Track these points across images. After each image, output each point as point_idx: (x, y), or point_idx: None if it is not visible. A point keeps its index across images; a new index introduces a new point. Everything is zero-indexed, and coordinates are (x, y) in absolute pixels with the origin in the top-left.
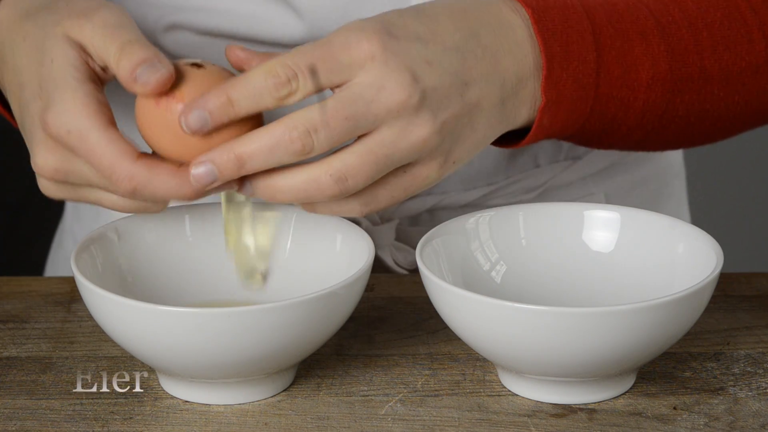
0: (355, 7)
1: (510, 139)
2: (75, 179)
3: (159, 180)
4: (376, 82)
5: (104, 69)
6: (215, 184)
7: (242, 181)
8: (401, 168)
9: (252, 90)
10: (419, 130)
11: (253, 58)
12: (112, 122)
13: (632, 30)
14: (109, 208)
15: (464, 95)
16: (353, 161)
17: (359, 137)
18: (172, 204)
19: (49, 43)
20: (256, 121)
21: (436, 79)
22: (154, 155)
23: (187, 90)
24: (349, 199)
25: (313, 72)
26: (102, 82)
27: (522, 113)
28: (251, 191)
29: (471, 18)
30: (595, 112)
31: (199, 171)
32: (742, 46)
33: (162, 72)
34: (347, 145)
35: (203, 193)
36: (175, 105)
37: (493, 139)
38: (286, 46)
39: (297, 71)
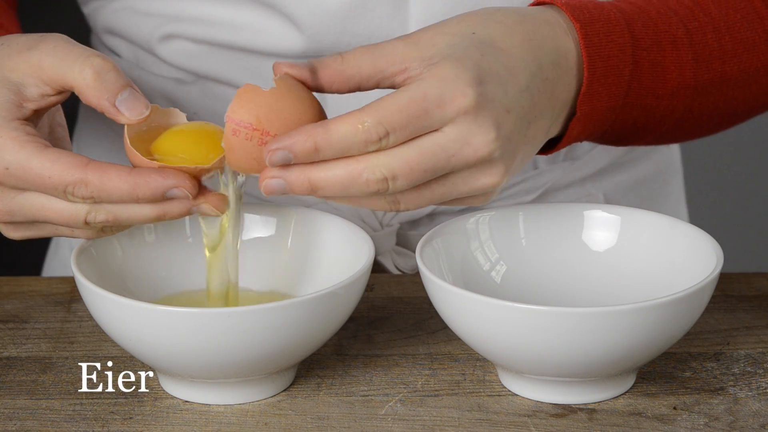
0: (354, 19)
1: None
2: (24, 217)
3: (112, 183)
4: (462, 137)
5: (62, 92)
6: (283, 194)
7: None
8: (452, 181)
9: (341, 144)
10: (488, 179)
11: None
12: (47, 145)
13: (665, 39)
14: (69, 236)
15: (527, 135)
16: (415, 197)
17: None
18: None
19: None
20: (318, 109)
21: (512, 128)
22: (105, 162)
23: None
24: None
25: (405, 129)
26: (37, 116)
27: (558, 124)
28: (289, 190)
29: (536, 48)
30: (618, 119)
31: (271, 183)
32: (760, 46)
33: (143, 104)
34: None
35: (160, 197)
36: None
37: (537, 150)
38: (285, 57)
39: (390, 131)
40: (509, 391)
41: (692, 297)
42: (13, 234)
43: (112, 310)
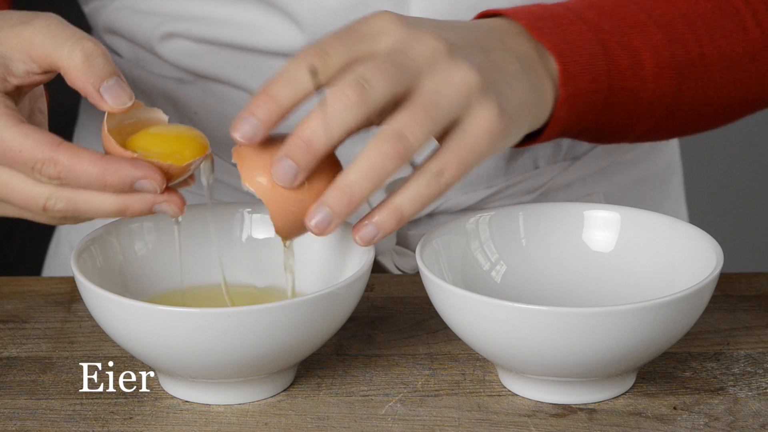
0: (355, 17)
1: (528, 137)
2: None
3: (81, 165)
4: (406, 38)
5: (48, 72)
6: (332, 225)
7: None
8: (458, 126)
9: (286, 77)
10: (459, 72)
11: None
12: (22, 120)
13: (625, 24)
14: (31, 219)
15: (487, 55)
16: (405, 117)
17: (402, 100)
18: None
19: None
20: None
21: (456, 39)
22: (77, 145)
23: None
24: (421, 175)
25: (340, 42)
26: (20, 93)
27: (546, 87)
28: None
29: (477, 24)
30: (608, 103)
31: (317, 218)
32: (738, 34)
33: (127, 94)
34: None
35: (127, 187)
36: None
37: (532, 106)
38: (286, 56)
39: (326, 48)
40: (509, 391)
41: (692, 297)
42: None
43: (112, 310)
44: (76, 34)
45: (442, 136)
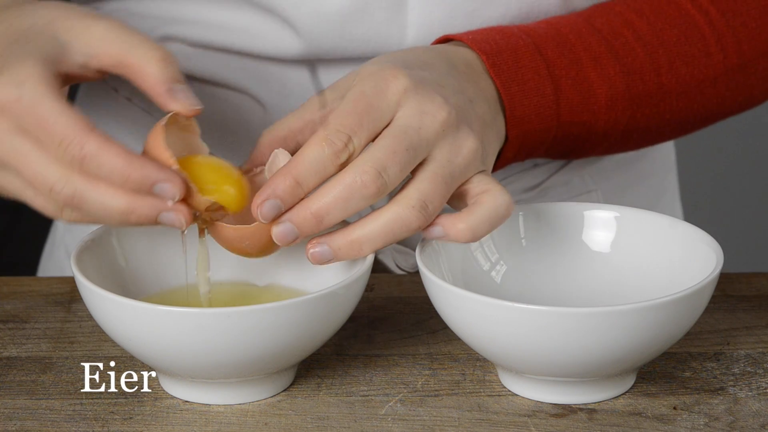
0: (352, 24)
1: None
2: (5, 155)
3: (108, 155)
4: (416, 110)
5: (103, 72)
6: (297, 241)
7: (320, 242)
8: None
9: (315, 165)
10: (467, 142)
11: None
12: (64, 98)
13: (585, 57)
14: (26, 201)
15: (474, 109)
16: (426, 187)
17: (416, 168)
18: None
19: (34, 32)
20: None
21: (455, 98)
22: (109, 136)
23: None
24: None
25: (362, 127)
26: (68, 81)
27: (503, 133)
28: (334, 256)
29: (444, 53)
30: (558, 138)
31: (279, 229)
32: (700, 59)
33: (196, 100)
34: (409, 180)
35: (147, 187)
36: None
37: (497, 148)
38: (283, 61)
39: (350, 133)
40: (509, 391)
41: (692, 297)
42: None
43: (112, 310)
44: (150, 39)
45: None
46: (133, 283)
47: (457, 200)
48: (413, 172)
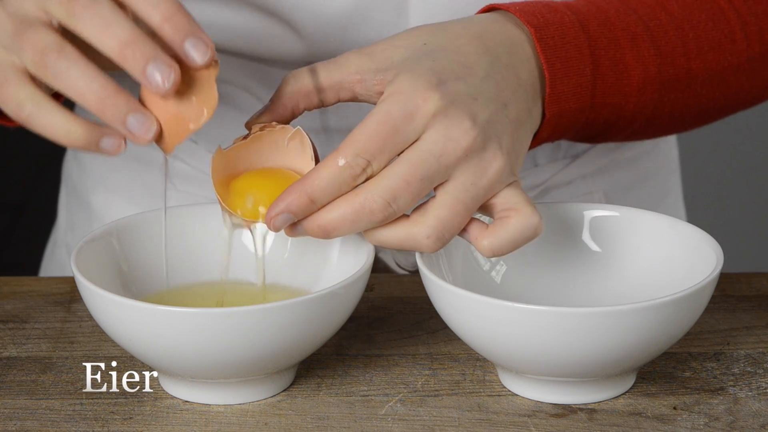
0: (355, 27)
1: None
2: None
3: (98, 19)
4: (441, 137)
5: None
6: (288, 230)
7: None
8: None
9: (331, 186)
10: (494, 163)
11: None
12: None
13: (623, 37)
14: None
15: (508, 116)
16: (447, 215)
17: (438, 187)
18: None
19: None
20: None
21: (486, 112)
22: None
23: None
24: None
25: (383, 153)
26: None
27: (538, 116)
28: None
29: (487, 41)
30: (588, 120)
31: (291, 232)
32: (726, 46)
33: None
34: (431, 198)
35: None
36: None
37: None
38: (285, 63)
39: (370, 159)
40: (509, 391)
41: (692, 297)
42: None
43: (112, 310)
44: None
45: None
46: (133, 283)
47: (483, 211)
48: (436, 189)
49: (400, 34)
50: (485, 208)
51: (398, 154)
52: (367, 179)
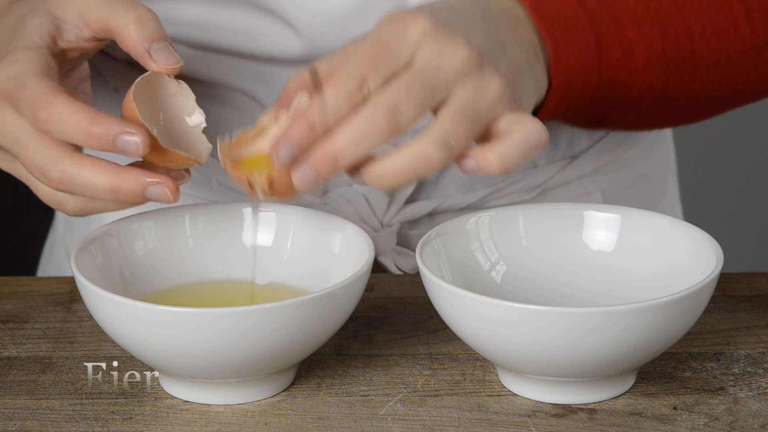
0: (354, 24)
1: None
2: (8, 142)
3: (72, 113)
4: (435, 52)
5: (98, 38)
6: (317, 184)
7: (352, 172)
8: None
9: (331, 107)
10: (492, 82)
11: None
12: (52, 76)
13: (624, 16)
14: (34, 189)
15: (506, 53)
16: (449, 124)
17: (439, 108)
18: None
19: (31, 14)
20: None
21: (481, 40)
22: (77, 99)
23: None
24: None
25: (377, 70)
26: (68, 58)
27: (543, 75)
28: (361, 181)
29: (485, 7)
30: (595, 97)
31: (298, 173)
32: (729, 32)
33: (176, 59)
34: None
35: (110, 141)
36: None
37: (535, 97)
38: (284, 62)
39: (364, 76)
40: (509, 391)
41: (692, 297)
42: (1, 162)
43: (112, 310)
44: (132, 0)
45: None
46: (133, 283)
47: (486, 138)
48: (436, 113)
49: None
50: (489, 135)
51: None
52: (363, 100)
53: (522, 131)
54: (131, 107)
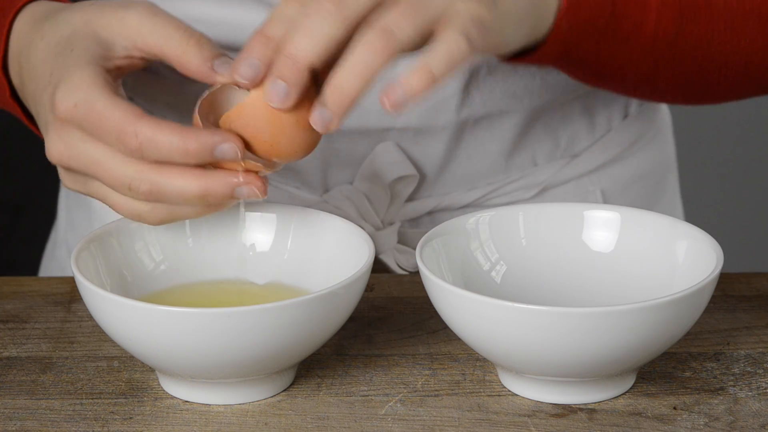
0: None
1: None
2: (80, 166)
3: (162, 135)
4: None
5: (148, 59)
6: (291, 96)
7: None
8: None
9: (278, 17)
10: None
11: None
12: (117, 93)
13: None
14: (112, 206)
15: None
16: (392, 14)
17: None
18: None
19: (75, 37)
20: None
21: None
22: (160, 118)
23: None
24: (446, 39)
25: None
26: (121, 73)
27: (551, 3)
28: (335, 105)
29: None
30: (609, 28)
31: (272, 91)
32: None
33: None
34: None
35: (208, 153)
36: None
37: (528, 17)
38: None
39: None
40: (509, 391)
41: (692, 297)
42: (70, 183)
43: (112, 310)
44: (180, 24)
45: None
46: (133, 283)
47: None
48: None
49: None
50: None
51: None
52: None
53: (445, 41)
54: (197, 124)
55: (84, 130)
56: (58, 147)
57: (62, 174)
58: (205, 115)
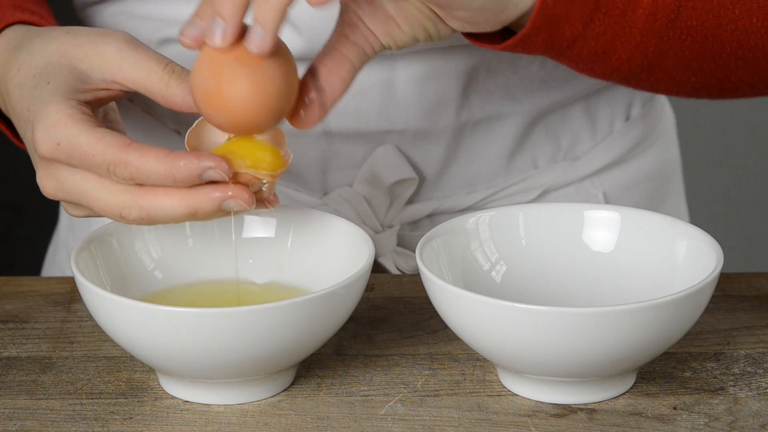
0: None
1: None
2: (75, 198)
3: (149, 164)
4: None
5: (121, 91)
6: (267, 40)
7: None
8: None
9: None
10: None
11: None
12: (98, 124)
13: None
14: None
15: None
16: None
17: None
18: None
19: (51, 68)
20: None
21: None
22: (146, 144)
23: None
24: None
25: None
26: (101, 103)
27: None
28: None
29: None
30: (601, 5)
31: (255, 38)
32: None
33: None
34: None
35: (196, 179)
36: None
37: None
38: None
39: None
40: (509, 391)
41: (692, 297)
42: (74, 212)
43: (112, 310)
44: (161, 57)
45: None
46: (133, 283)
47: None
48: None
49: None
50: None
51: None
52: None
53: None
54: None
55: (71, 165)
56: (50, 183)
57: (64, 205)
58: (194, 146)
